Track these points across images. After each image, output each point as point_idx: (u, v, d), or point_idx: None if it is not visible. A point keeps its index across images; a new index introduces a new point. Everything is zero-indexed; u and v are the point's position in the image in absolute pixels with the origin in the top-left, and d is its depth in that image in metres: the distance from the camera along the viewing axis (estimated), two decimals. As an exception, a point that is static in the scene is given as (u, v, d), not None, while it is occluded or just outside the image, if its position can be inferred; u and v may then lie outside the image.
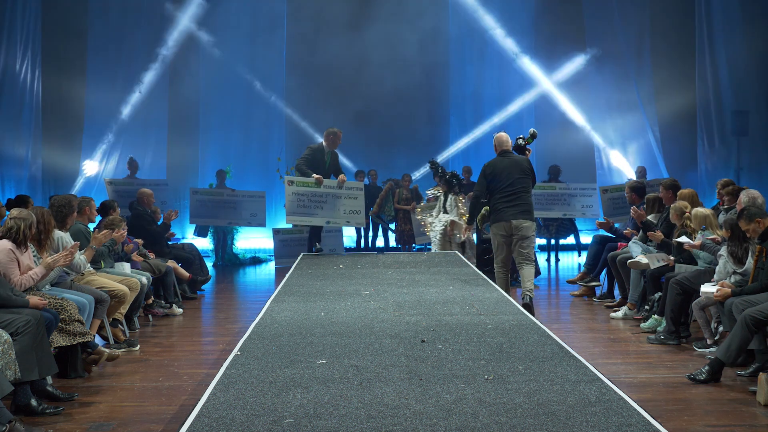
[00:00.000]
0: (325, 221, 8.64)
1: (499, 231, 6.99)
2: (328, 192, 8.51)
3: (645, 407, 3.37)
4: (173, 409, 4.33)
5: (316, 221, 8.60)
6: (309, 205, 8.47)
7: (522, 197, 6.94)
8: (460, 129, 13.68)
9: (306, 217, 8.55)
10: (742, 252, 5.43)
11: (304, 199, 8.44)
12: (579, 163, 13.10)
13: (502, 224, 6.94)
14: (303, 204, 8.45)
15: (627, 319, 6.88)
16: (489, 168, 7.05)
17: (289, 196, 8.45)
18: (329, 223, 8.75)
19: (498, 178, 6.96)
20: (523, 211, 6.91)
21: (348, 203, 8.60)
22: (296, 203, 8.44)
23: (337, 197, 8.54)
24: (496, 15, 13.31)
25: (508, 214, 6.89)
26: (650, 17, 13.27)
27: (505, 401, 3.36)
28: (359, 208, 8.70)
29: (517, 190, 6.92)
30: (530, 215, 6.99)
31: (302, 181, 8.46)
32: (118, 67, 12.93)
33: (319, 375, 3.76)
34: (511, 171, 6.95)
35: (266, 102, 13.43)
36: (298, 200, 8.43)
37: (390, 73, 12.96)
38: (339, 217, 8.65)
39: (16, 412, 4.15)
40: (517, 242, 6.95)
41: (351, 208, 8.63)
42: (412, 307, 5.40)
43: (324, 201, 8.49)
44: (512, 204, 6.89)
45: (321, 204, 8.49)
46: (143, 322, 6.93)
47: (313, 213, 8.50)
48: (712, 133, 12.87)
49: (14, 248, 4.73)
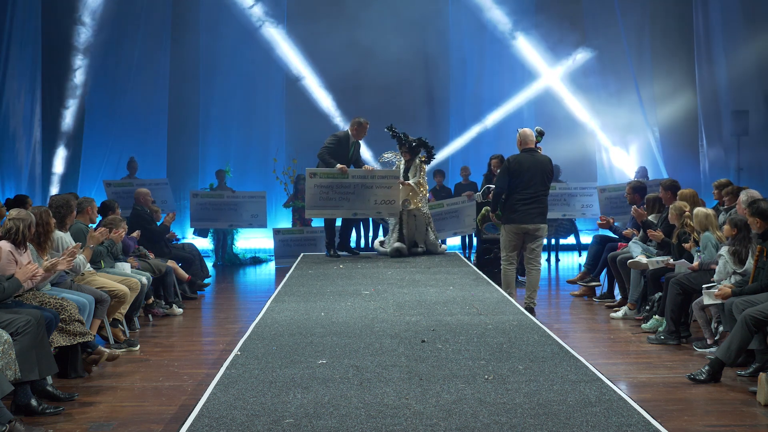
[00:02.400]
0: (351, 213, 8.15)
1: (512, 230, 6.84)
2: (356, 182, 8.02)
3: (645, 407, 3.37)
4: (173, 409, 4.33)
5: (340, 213, 8.15)
6: (333, 197, 8.00)
7: (541, 200, 6.79)
8: (459, 127, 13.63)
9: (329, 210, 8.08)
10: (744, 251, 5.43)
11: (328, 191, 7.99)
12: (580, 163, 13.10)
13: (518, 226, 6.79)
14: (326, 196, 7.99)
15: (627, 319, 6.87)
16: (514, 164, 6.78)
17: (311, 189, 7.99)
18: (356, 215, 8.26)
19: (519, 177, 6.74)
20: (539, 214, 6.79)
21: (381, 193, 8.07)
22: (318, 196, 7.98)
23: (368, 187, 8.04)
24: (495, 15, 13.31)
25: (526, 217, 6.73)
26: (650, 17, 13.27)
27: (505, 401, 3.36)
28: (393, 198, 8.13)
29: (537, 192, 6.75)
30: (545, 218, 6.91)
31: (325, 173, 8.02)
32: (118, 67, 12.92)
33: (319, 375, 3.76)
34: (534, 171, 6.74)
35: (266, 101, 13.43)
36: (320, 193, 7.98)
37: (390, 70, 12.96)
38: (369, 208, 8.15)
39: (16, 412, 4.15)
40: (530, 240, 6.88)
41: (384, 198, 8.10)
42: (412, 307, 5.40)
43: (351, 192, 8.01)
44: (530, 206, 6.73)
45: (347, 195, 8.01)
46: (143, 322, 6.93)
47: (337, 205, 8.02)
48: (712, 133, 12.87)
49: (13, 249, 4.72)
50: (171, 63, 13.16)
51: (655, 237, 6.78)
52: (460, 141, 13.52)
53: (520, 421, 3.13)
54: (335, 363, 3.97)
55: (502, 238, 7.02)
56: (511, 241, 6.91)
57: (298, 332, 4.66)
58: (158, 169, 12.85)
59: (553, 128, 13.22)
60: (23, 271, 4.53)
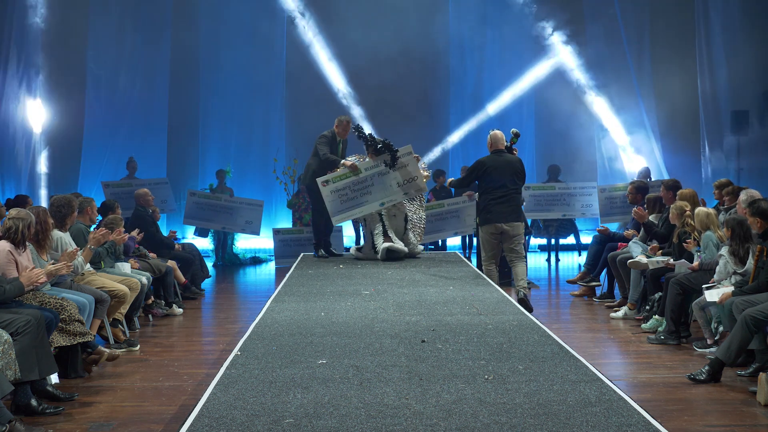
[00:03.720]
0: (379, 203, 7.83)
1: (489, 230, 7.04)
2: (371, 173, 7.82)
3: (645, 407, 3.37)
4: (173, 409, 4.33)
5: (368, 209, 7.88)
6: (354, 196, 7.80)
7: (513, 198, 6.99)
8: (459, 118, 13.61)
9: (356, 209, 7.85)
10: (743, 251, 5.43)
11: (347, 192, 7.79)
12: (580, 163, 13.10)
13: (493, 225, 6.99)
14: (347, 198, 7.79)
15: (627, 319, 6.87)
16: (480, 166, 7.05)
17: (329, 197, 7.79)
18: (384, 204, 7.88)
19: (489, 177, 6.98)
20: (513, 212, 6.97)
21: (399, 174, 7.83)
22: (338, 201, 7.78)
23: (384, 173, 7.82)
24: (495, 20, 13.30)
25: (499, 216, 6.94)
26: (650, 17, 13.27)
27: (505, 401, 3.36)
28: (415, 175, 7.86)
29: (509, 191, 6.96)
30: (520, 216, 7.09)
31: (337, 176, 7.83)
32: (119, 67, 12.92)
33: (319, 375, 3.76)
34: (503, 170, 6.98)
35: (266, 101, 13.42)
36: (340, 197, 7.78)
37: (390, 68, 12.96)
38: (394, 193, 7.84)
39: (16, 412, 4.15)
40: (507, 240, 7.02)
41: (405, 178, 7.84)
42: (412, 307, 5.40)
43: (371, 184, 7.81)
44: (503, 205, 6.93)
45: (368, 188, 7.81)
46: (143, 322, 6.93)
47: (362, 202, 7.80)
48: (712, 133, 12.88)
49: (13, 249, 4.72)
50: (171, 63, 13.15)
51: (639, 216, 7.06)
52: (459, 132, 13.46)
53: (520, 421, 3.13)
54: (335, 363, 3.97)
55: (481, 240, 7.22)
56: (489, 241, 7.08)
57: (298, 332, 4.66)
58: (158, 169, 12.84)
59: (554, 128, 13.28)
60: (27, 276, 4.53)
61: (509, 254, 7.10)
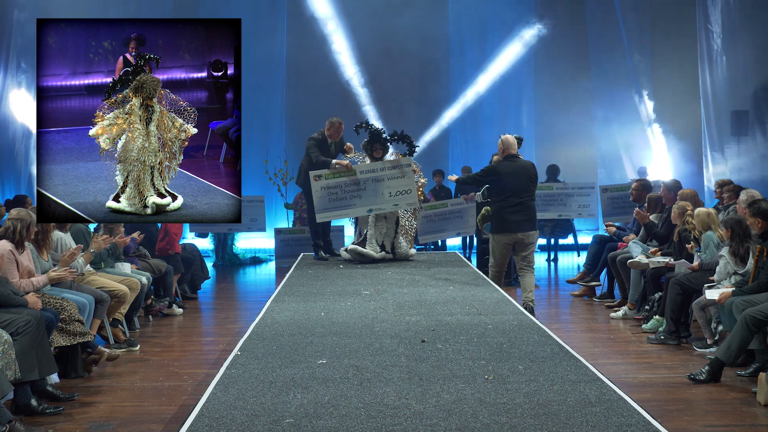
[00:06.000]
0: (366, 209, 7.63)
1: (503, 240, 6.77)
2: (366, 177, 7.62)
3: (645, 407, 3.37)
4: (173, 409, 4.33)
5: (354, 212, 7.73)
6: (344, 197, 7.60)
7: (528, 206, 6.73)
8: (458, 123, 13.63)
9: (341, 210, 7.67)
10: (743, 251, 5.43)
11: (337, 191, 7.60)
12: (580, 162, 13.10)
13: (508, 235, 6.72)
14: (336, 197, 7.60)
15: (627, 319, 6.87)
16: (494, 173, 6.77)
17: (317, 192, 7.60)
18: (371, 211, 7.70)
19: (503, 183, 6.70)
20: (528, 221, 6.72)
21: (394, 184, 7.62)
22: (326, 198, 7.59)
23: (379, 180, 7.61)
24: (496, 17, 13.31)
25: (515, 226, 6.66)
26: (650, 17, 13.27)
27: (505, 401, 3.36)
28: (409, 187, 7.65)
29: (524, 199, 6.69)
30: (535, 224, 6.86)
31: (331, 173, 7.62)
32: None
33: (319, 375, 3.76)
34: (518, 177, 6.69)
35: (267, 101, 13.42)
36: (329, 194, 7.59)
37: (389, 65, 12.96)
38: (384, 202, 7.63)
39: (16, 412, 4.15)
40: (521, 249, 6.82)
41: (399, 189, 7.63)
42: (412, 307, 5.40)
43: (362, 188, 7.60)
44: (518, 213, 6.66)
45: (358, 192, 7.60)
46: (143, 322, 6.93)
47: (349, 204, 7.60)
48: (712, 133, 12.86)
49: (13, 249, 4.72)
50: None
51: (640, 218, 7.04)
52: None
53: (520, 421, 3.13)
54: (335, 363, 3.97)
55: (491, 248, 6.92)
56: (501, 251, 6.82)
57: (298, 332, 4.66)
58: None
59: (554, 128, 13.28)
60: (33, 301, 4.58)
61: (520, 263, 6.86)
